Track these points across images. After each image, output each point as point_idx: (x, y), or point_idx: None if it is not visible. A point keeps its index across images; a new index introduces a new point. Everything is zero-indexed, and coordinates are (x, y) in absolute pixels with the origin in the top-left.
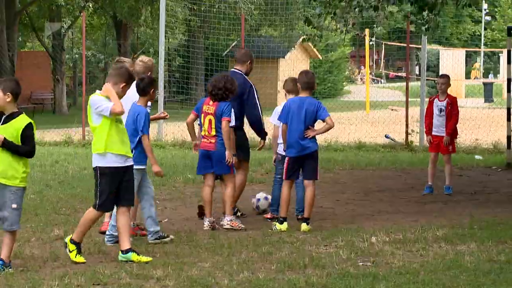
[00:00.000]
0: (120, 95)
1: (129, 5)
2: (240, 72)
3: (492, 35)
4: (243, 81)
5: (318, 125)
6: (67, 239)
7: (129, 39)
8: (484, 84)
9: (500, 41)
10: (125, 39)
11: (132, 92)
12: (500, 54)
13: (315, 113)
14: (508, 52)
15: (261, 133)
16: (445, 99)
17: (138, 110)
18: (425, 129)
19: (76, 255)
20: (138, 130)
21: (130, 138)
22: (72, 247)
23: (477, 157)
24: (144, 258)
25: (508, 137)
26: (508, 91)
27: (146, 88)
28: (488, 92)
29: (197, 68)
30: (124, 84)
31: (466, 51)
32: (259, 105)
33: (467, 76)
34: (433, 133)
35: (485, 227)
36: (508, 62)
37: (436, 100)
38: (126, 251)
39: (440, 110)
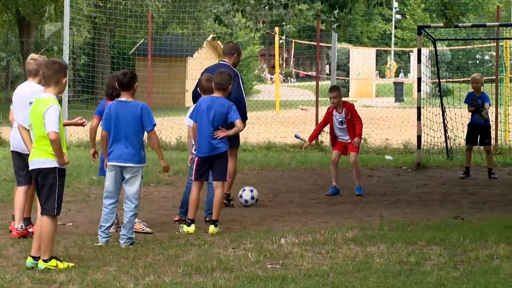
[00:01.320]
0: (63, 90)
1: (33, 2)
2: (228, 64)
3: (402, 34)
4: (231, 72)
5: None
6: (41, 263)
7: (32, 37)
8: (395, 83)
9: (410, 40)
10: (28, 37)
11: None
12: (410, 53)
13: (226, 114)
14: (419, 51)
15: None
16: (342, 110)
17: (138, 104)
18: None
19: (60, 263)
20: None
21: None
22: (53, 263)
23: (387, 157)
24: (64, 264)
25: (418, 137)
26: (419, 90)
27: (131, 82)
28: (398, 92)
29: (103, 66)
30: (65, 77)
31: (377, 50)
32: (243, 90)
33: (381, 75)
34: (340, 140)
35: (395, 228)
36: (419, 62)
37: (334, 112)
38: (48, 259)
39: (341, 123)
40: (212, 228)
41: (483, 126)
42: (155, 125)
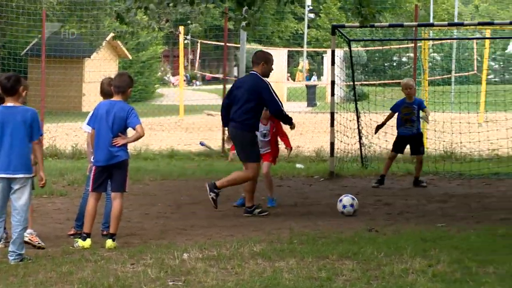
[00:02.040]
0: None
1: None
2: (255, 73)
3: (316, 33)
4: (258, 82)
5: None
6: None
7: None
8: (307, 86)
9: (324, 41)
10: None
11: None
12: (324, 55)
13: (125, 119)
14: (332, 52)
15: (287, 120)
16: (268, 123)
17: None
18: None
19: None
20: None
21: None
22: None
23: (298, 165)
24: None
25: (332, 144)
26: (332, 94)
27: (16, 86)
28: (311, 96)
29: None
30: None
31: (288, 50)
32: (278, 99)
33: (292, 77)
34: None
35: (305, 241)
36: (332, 63)
37: (259, 124)
38: None
39: (264, 135)
40: (109, 243)
41: (414, 135)
42: (42, 135)
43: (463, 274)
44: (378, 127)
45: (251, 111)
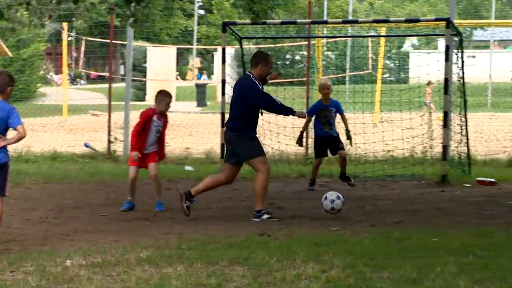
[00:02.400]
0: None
1: None
2: (249, 74)
3: (206, 30)
4: (246, 83)
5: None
6: None
7: None
8: (197, 86)
9: (215, 38)
10: None
11: None
12: (214, 53)
13: (6, 120)
14: (223, 50)
15: (289, 112)
16: (162, 119)
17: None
18: (131, 144)
19: None
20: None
21: None
22: None
23: (187, 168)
24: None
25: (222, 146)
26: (223, 94)
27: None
28: (201, 95)
29: None
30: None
31: (178, 48)
32: (265, 97)
33: (182, 76)
34: (145, 151)
35: (194, 247)
36: (223, 62)
37: (155, 118)
38: None
39: (157, 131)
40: None
41: (333, 136)
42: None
43: (357, 280)
44: (300, 138)
45: (243, 116)
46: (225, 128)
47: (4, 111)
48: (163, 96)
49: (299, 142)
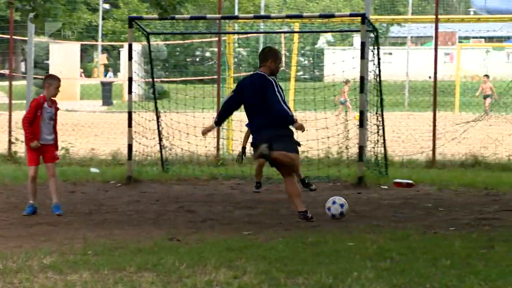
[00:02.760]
0: None
1: None
2: (262, 73)
3: (112, 25)
4: (263, 81)
5: None
6: None
7: None
8: (103, 84)
9: (121, 34)
10: None
11: None
12: (121, 49)
13: None
14: (130, 46)
15: (290, 122)
16: (53, 105)
17: None
18: (26, 136)
19: None
20: None
21: None
22: None
23: (93, 170)
24: None
25: (129, 146)
26: (130, 92)
27: None
28: (106, 94)
29: None
30: None
31: (82, 44)
32: (283, 99)
33: (87, 74)
34: (41, 141)
35: (101, 252)
36: (130, 59)
37: (46, 105)
38: None
39: (50, 118)
40: None
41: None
42: None
43: (270, 286)
44: (241, 155)
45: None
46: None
47: None
48: (51, 80)
49: (240, 159)
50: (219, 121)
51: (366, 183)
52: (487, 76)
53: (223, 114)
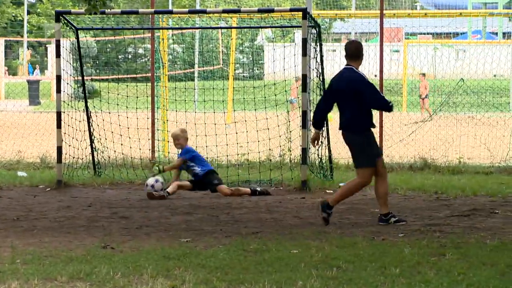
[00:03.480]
0: None
1: None
2: (352, 67)
3: (38, 20)
4: (354, 76)
5: None
6: None
7: None
8: (29, 82)
9: (47, 29)
10: None
11: None
12: (48, 45)
13: None
14: (57, 42)
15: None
16: None
17: None
18: None
19: None
20: None
21: None
22: None
23: (20, 173)
24: None
25: (59, 149)
26: (58, 91)
27: None
28: (33, 93)
29: None
30: None
31: (6, 40)
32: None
33: (12, 72)
34: None
35: (30, 261)
36: (58, 56)
37: None
38: None
39: None
40: None
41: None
42: None
43: None
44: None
45: (356, 111)
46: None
47: None
48: None
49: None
50: (319, 125)
51: (310, 187)
52: (423, 74)
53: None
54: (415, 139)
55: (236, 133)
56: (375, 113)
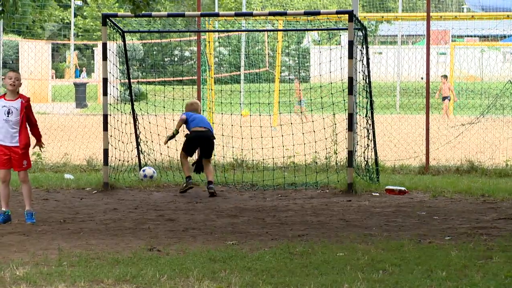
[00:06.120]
0: None
1: None
2: None
3: (84, 23)
4: None
5: None
6: None
7: None
8: (76, 85)
9: (94, 32)
10: None
11: None
12: (94, 48)
13: None
14: (104, 45)
15: None
16: (17, 98)
17: None
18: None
19: None
20: None
21: None
22: None
23: (67, 176)
24: None
25: (105, 151)
26: (105, 93)
27: None
28: (80, 95)
29: None
30: None
31: (53, 43)
32: None
33: (60, 75)
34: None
35: (76, 263)
36: (104, 58)
37: (2, 100)
38: None
39: (7, 112)
40: None
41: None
42: None
43: None
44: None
45: None
46: None
47: None
48: (6, 72)
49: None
50: None
51: (356, 190)
52: (445, 76)
53: None
54: (462, 142)
55: (282, 135)
56: (421, 116)
